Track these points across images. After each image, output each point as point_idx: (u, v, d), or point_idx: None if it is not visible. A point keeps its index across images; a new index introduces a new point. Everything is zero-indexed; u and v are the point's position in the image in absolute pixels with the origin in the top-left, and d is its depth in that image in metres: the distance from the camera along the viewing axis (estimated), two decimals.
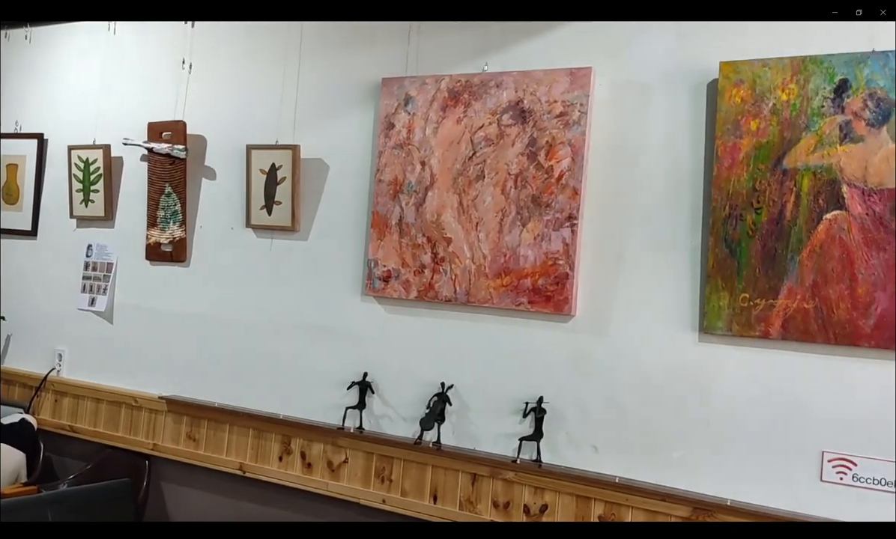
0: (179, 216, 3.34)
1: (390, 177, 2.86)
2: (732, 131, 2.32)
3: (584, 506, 2.49)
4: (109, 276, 3.55)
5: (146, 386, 3.39)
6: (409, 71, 2.89)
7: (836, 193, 2.19)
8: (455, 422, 2.73)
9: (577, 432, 2.54)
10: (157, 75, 3.47)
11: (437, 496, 2.73)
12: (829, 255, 2.18)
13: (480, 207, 2.70)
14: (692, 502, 2.33)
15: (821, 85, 2.22)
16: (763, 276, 2.26)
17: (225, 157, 3.30)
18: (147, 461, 3.35)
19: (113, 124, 3.54)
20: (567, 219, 2.55)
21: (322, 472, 2.95)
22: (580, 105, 2.55)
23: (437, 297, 2.76)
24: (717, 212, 2.33)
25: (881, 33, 2.18)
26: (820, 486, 2.20)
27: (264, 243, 3.18)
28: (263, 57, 3.23)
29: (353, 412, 2.88)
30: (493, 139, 2.69)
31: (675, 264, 2.44)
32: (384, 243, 2.86)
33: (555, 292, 2.56)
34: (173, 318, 3.37)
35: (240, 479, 3.13)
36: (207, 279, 3.31)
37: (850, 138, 2.18)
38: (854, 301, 2.15)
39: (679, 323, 2.42)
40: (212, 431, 3.21)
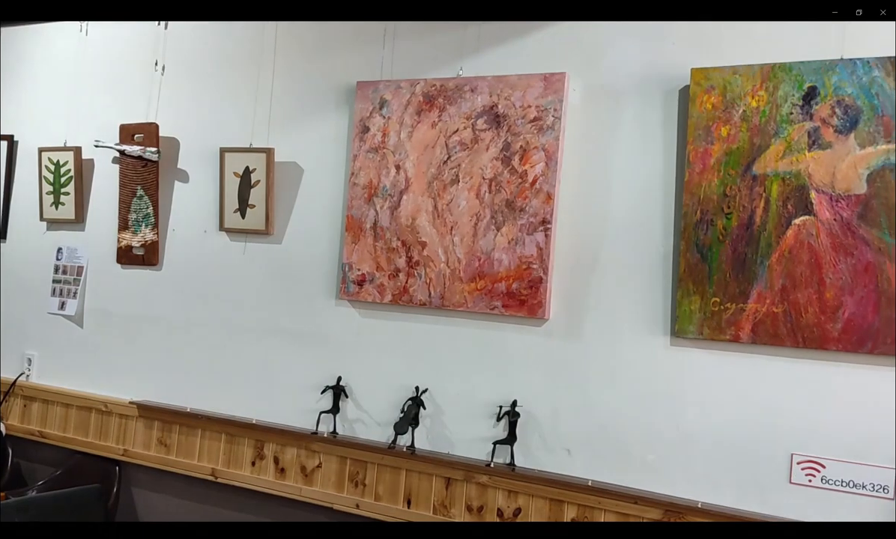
0: (151, 219, 3.31)
1: (365, 180, 2.86)
2: (704, 137, 2.35)
3: (557, 509, 2.50)
4: (80, 280, 3.51)
5: (117, 391, 3.35)
6: (384, 74, 2.89)
7: (805, 199, 2.22)
8: (429, 426, 2.73)
9: (550, 436, 2.55)
10: (130, 77, 3.44)
11: (410, 501, 2.72)
12: (798, 260, 2.21)
13: (455, 211, 2.70)
14: (664, 505, 2.34)
15: (790, 92, 2.25)
16: (733, 280, 2.29)
17: (198, 159, 3.28)
18: (117, 467, 3.32)
19: (84, 126, 3.49)
20: (541, 223, 2.56)
21: (295, 478, 2.93)
22: (554, 110, 2.57)
23: (411, 301, 2.75)
24: (688, 217, 2.36)
25: (850, 41, 2.21)
26: (789, 488, 2.23)
27: (238, 247, 3.16)
28: (237, 59, 3.21)
29: (326, 417, 2.87)
30: (467, 144, 2.70)
31: (647, 269, 2.46)
32: (359, 247, 2.85)
33: (529, 296, 2.57)
34: (145, 322, 3.33)
35: (212, 484, 3.10)
36: (180, 283, 3.28)
37: (819, 145, 2.21)
38: (822, 305, 2.18)
39: (651, 327, 2.44)
40: (183, 437, 3.18)
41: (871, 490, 2.14)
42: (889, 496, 2.13)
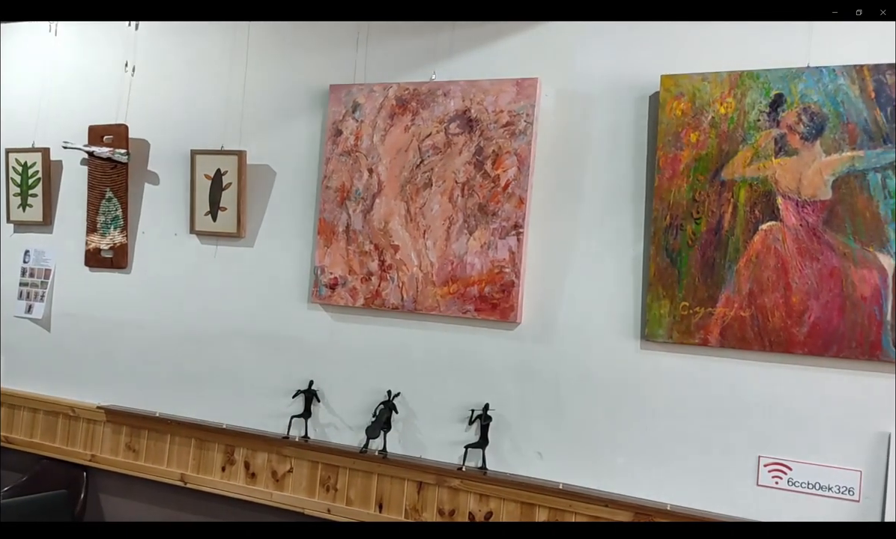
0: (121, 221, 3.27)
1: (337, 184, 2.85)
2: (673, 143, 2.37)
3: (528, 512, 2.50)
4: (47, 283, 3.46)
5: (84, 395, 3.31)
6: (358, 78, 2.89)
7: (772, 205, 2.25)
8: (401, 430, 2.73)
9: (522, 439, 2.56)
10: (99, 77, 3.40)
11: (382, 505, 2.71)
12: (765, 265, 2.24)
13: (428, 215, 2.71)
14: (634, 507, 2.36)
15: (757, 99, 2.28)
16: (702, 284, 2.31)
17: (169, 161, 3.24)
18: (85, 472, 3.27)
19: (53, 127, 3.45)
20: (513, 227, 2.57)
21: (266, 482, 2.91)
22: (526, 115, 2.58)
23: (384, 305, 2.75)
24: (658, 221, 2.38)
25: (816, 49, 2.25)
26: (756, 490, 2.26)
27: (209, 250, 3.14)
28: (209, 60, 3.19)
29: (298, 421, 2.85)
30: (440, 148, 2.70)
31: (618, 273, 2.47)
32: (331, 250, 2.84)
33: (501, 300, 2.57)
34: (113, 326, 3.29)
35: (181, 490, 3.06)
36: (149, 286, 3.24)
37: (785, 151, 2.25)
38: (788, 309, 2.21)
39: (622, 330, 2.45)
40: (152, 442, 3.14)
41: (837, 492, 2.18)
42: (854, 498, 2.16)
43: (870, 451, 2.16)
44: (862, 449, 2.16)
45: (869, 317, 2.13)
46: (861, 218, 2.16)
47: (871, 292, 2.14)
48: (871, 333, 2.13)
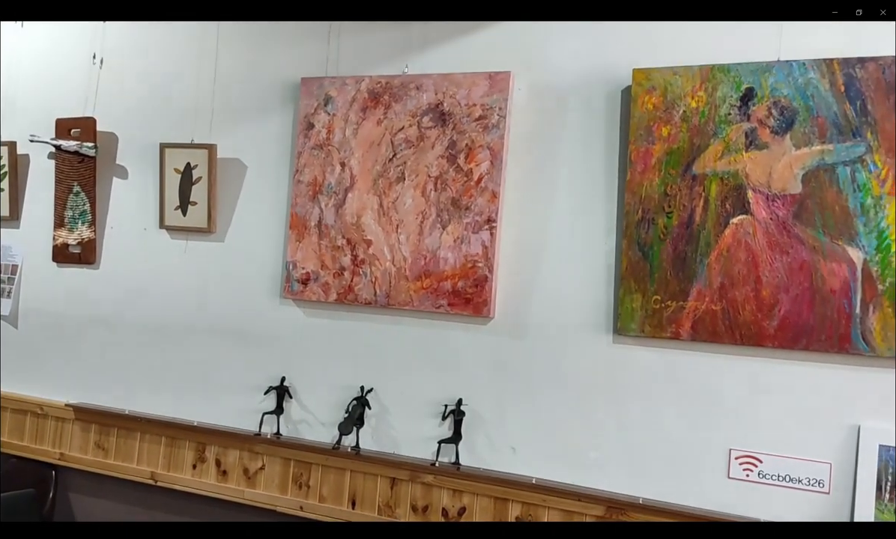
0: (88, 216, 3.22)
1: (309, 178, 2.82)
2: (645, 137, 2.37)
3: (501, 507, 2.50)
4: (14, 279, 3.39)
5: (53, 393, 3.25)
6: (330, 71, 2.86)
7: (742, 198, 2.26)
8: (374, 426, 2.71)
9: (495, 434, 2.55)
10: (67, 70, 3.34)
11: (355, 502, 2.70)
12: (736, 259, 2.25)
13: (401, 209, 2.68)
14: (606, 501, 2.36)
15: (728, 93, 2.29)
16: (674, 278, 2.31)
17: (137, 155, 3.19)
18: (54, 471, 3.22)
19: (19, 120, 3.38)
20: (486, 221, 2.56)
21: (238, 480, 2.88)
22: (499, 109, 2.57)
23: (356, 300, 2.73)
24: (630, 215, 2.38)
25: (787, 43, 2.26)
26: (727, 482, 2.27)
27: (179, 245, 3.09)
28: (178, 52, 3.14)
29: (270, 418, 2.82)
30: (413, 141, 2.68)
31: (590, 267, 2.47)
32: (303, 245, 2.81)
33: (474, 295, 2.56)
34: (82, 323, 3.24)
35: (151, 488, 3.02)
36: (118, 282, 3.19)
37: (756, 145, 2.25)
38: (759, 303, 2.22)
39: (594, 324, 2.45)
40: (122, 440, 3.09)
41: (807, 484, 2.19)
42: (825, 490, 2.18)
43: (839, 444, 2.17)
44: (832, 441, 2.18)
45: (838, 310, 2.15)
46: (830, 212, 2.17)
47: (840, 285, 2.15)
48: (840, 326, 2.14)
